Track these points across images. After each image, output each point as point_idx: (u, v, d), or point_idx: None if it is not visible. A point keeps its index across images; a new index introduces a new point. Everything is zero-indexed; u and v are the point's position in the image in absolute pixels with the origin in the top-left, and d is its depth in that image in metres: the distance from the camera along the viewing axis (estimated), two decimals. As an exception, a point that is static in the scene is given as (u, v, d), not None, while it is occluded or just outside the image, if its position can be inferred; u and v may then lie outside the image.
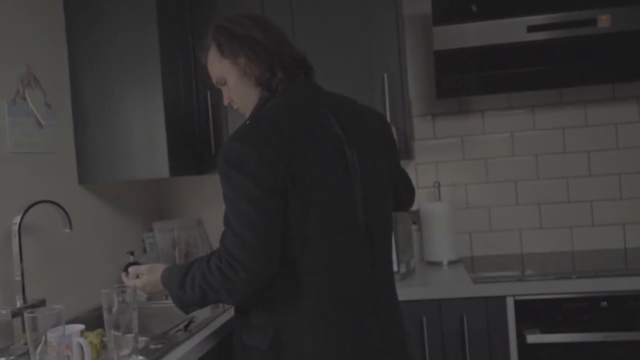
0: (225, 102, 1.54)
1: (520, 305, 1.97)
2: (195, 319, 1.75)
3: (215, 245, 2.73)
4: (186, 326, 1.67)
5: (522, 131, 2.56)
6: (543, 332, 1.94)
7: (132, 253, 2.27)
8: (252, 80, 1.43)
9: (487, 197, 2.58)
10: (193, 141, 2.30)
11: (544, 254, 2.50)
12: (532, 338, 1.93)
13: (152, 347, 1.46)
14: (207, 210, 2.75)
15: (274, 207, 1.26)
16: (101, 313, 1.95)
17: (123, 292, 1.34)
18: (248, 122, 1.36)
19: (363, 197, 1.38)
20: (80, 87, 2.07)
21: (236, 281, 1.25)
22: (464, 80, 2.33)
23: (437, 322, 2.00)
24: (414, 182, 2.59)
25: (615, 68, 2.30)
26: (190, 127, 2.28)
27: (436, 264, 2.45)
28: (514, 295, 1.97)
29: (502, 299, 1.97)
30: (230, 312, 1.77)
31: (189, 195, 2.78)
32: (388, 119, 2.20)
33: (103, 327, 1.93)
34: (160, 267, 1.48)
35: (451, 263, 2.44)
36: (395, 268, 2.15)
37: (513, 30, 2.17)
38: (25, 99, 1.80)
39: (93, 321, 1.87)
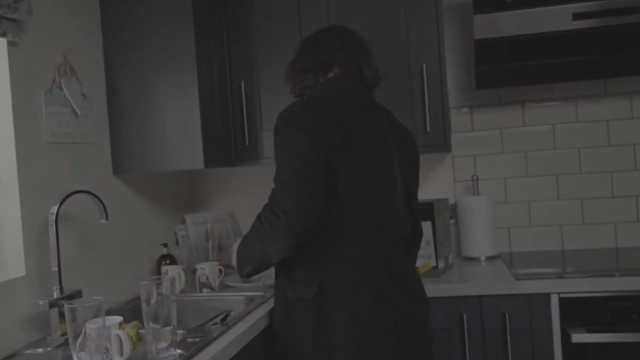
0: None
1: (565, 303, 1.90)
2: (232, 312, 1.72)
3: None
4: (223, 319, 1.64)
5: (564, 123, 2.47)
6: (589, 331, 1.86)
7: (165, 245, 2.25)
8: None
9: (526, 191, 2.51)
10: (227, 132, 2.27)
11: (586, 251, 2.41)
12: (578, 337, 1.85)
13: (189, 340, 1.43)
14: (238, 202, 2.73)
15: (321, 164, 1.40)
16: (135, 305, 1.95)
17: (161, 283, 1.32)
18: (305, 97, 1.60)
19: (404, 182, 1.57)
20: (115, 77, 2.05)
21: (277, 225, 1.40)
22: (505, 71, 2.25)
23: (477, 319, 1.93)
24: (450, 176, 2.55)
25: (664, 57, 2.21)
26: (224, 118, 2.25)
27: (474, 260, 2.38)
28: (558, 293, 1.90)
29: (546, 296, 1.90)
30: (266, 306, 1.74)
31: (220, 188, 2.75)
32: (427, 110, 2.15)
33: (137, 319, 1.92)
34: None
35: (489, 259, 2.37)
36: (433, 263, 2.10)
37: (558, 18, 2.08)
38: (61, 88, 1.79)
39: (127, 313, 1.85)
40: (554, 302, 1.90)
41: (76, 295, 1.59)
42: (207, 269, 2.07)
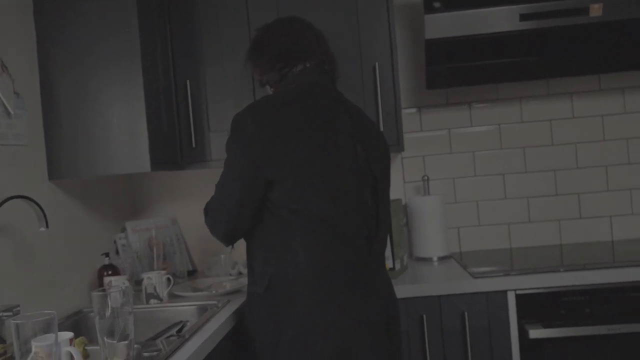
0: None
1: (521, 299, 1.91)
2: (188, 323, 1.62)
3: (191, 245, 2.59)
4: (178, 331, 1.54)
5: (510, 123, 2.52)
6: (545, 326, 1.88)
7: (107, 255, 2.11)
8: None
9: (475, 191, 2.53)
10: (173, 134, 2.16)
11: (534, 248, 2.46)
12: (535, 333, 1.87)
13: (145, 354, 1.33)
14: (181, 208, 2.60)
15: (256, 177, 1.42)
16: (76, 319, 1.81)
17: (115, 294, 1.20)
18: (266, 96, 1.53)
19: (371, 176, 1.52)
20: (50, 74, 1.90)
21: (206, 220, 1.57)
22: (456, 70, 2.26)
23: (437, 319, 1.91)
24: (400, 176, 2.54)
25: (603, 58, 2.28)
26: (170, 119, 2.13)
27: (426, 260, 2.37)
28: (515, 290, 1.91)
29: (503, 293, 1.91)
30: (224, 313, 1.65)
31: (162, 193, 2.62)
32: (380, 109, 2.12)
33: (80, 334, 1.78)
34: None
35: (441, 259, 2.37)
36: (390, 264, 2.06)
37: (506, 18, 2.11)
38: (-8, 85, 1.63)
39: (69, 328, 1.71)
40: (511, 299, 1.91)
41: (14, 311, 1.45)
42: (155, 279, 1.94)
